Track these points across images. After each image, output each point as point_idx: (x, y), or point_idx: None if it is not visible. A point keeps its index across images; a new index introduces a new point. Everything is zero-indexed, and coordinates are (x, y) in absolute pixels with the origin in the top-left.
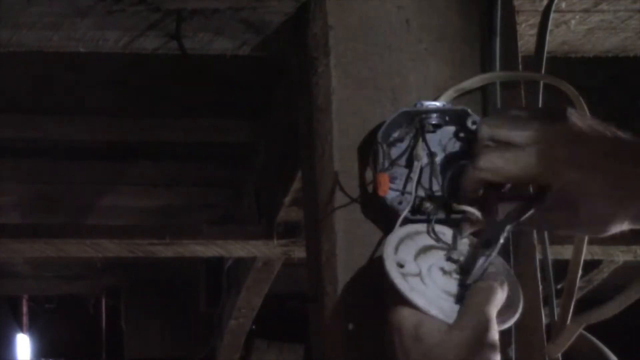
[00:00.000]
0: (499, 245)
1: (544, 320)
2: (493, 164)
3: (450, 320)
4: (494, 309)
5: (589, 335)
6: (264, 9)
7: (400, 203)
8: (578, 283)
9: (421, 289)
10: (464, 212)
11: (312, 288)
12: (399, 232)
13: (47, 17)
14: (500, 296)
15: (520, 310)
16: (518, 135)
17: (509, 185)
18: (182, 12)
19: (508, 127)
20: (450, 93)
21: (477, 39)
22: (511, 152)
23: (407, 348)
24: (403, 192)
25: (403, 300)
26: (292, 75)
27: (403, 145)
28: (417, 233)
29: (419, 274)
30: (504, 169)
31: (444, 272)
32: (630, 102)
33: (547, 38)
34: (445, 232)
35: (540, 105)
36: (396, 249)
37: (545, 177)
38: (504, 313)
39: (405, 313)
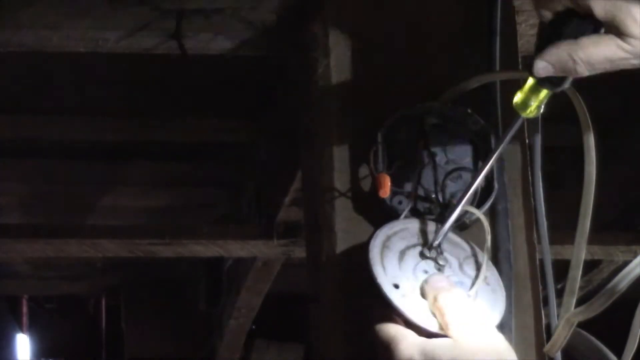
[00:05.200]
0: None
1: (544, 320)
2: None
3: None
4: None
5: (587, 334)
6: (264, 8)
7: (400, 203)
8: (579, 282)
9: (424, 307)
10: (466, 212)
11: (312, 288)
12: (375, 245)
13: (47, 17)
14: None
15: (501, 313)
16: None
17: None
18: (182, 11)
19: None
20: (450, 93)
21: (477, 39)
22: None
23: None
24: (403, 193)
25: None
26: (292, 75)
27: (403, 146)
28: (389, 237)
29: (414, 290)
30: None
31: (426, 272)
32: (629, 102)
33: None
34: (413, 226)
35: None
36: (383, 266)
37: None
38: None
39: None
